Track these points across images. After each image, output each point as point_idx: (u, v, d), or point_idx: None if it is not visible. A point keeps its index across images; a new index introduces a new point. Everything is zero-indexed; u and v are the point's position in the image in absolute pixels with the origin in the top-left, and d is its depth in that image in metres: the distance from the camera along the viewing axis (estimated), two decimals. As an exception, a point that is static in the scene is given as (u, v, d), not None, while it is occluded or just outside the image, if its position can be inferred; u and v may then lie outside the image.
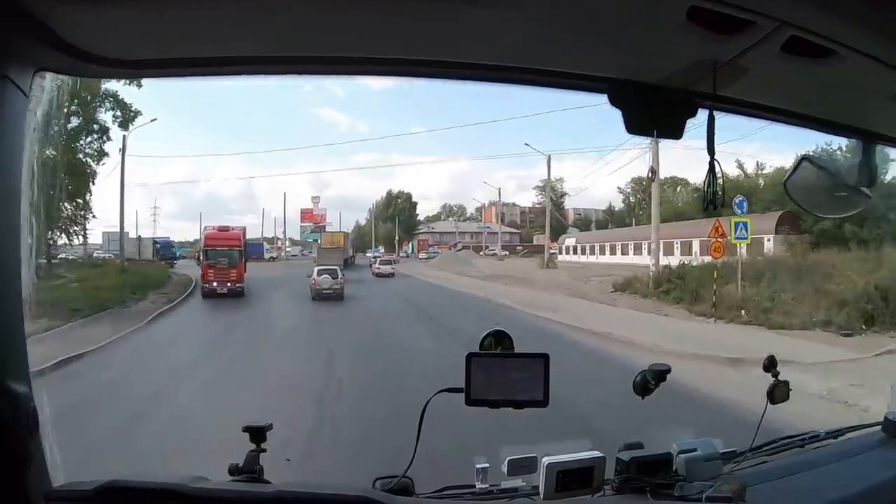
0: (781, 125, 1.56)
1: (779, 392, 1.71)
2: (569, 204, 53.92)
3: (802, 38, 1.10)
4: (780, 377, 1.72)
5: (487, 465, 1.56)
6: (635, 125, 1.36)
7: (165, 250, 34.65)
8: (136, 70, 1.32)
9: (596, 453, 1.52)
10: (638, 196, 49.79)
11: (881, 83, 1.30)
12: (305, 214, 49.37)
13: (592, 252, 41.28)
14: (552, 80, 1.36)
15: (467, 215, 60.24)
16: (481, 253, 46.84)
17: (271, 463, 1.43)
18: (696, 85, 1.30)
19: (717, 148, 1.29)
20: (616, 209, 53.45)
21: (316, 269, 22.39)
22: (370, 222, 55.33)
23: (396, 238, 52.13)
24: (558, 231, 50.71)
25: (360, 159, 77.50)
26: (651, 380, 1.60)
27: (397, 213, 55.79)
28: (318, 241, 38.49)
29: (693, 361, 10.08)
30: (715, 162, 1.30)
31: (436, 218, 60.30)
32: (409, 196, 58.88)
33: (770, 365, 1.71)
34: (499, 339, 1.48)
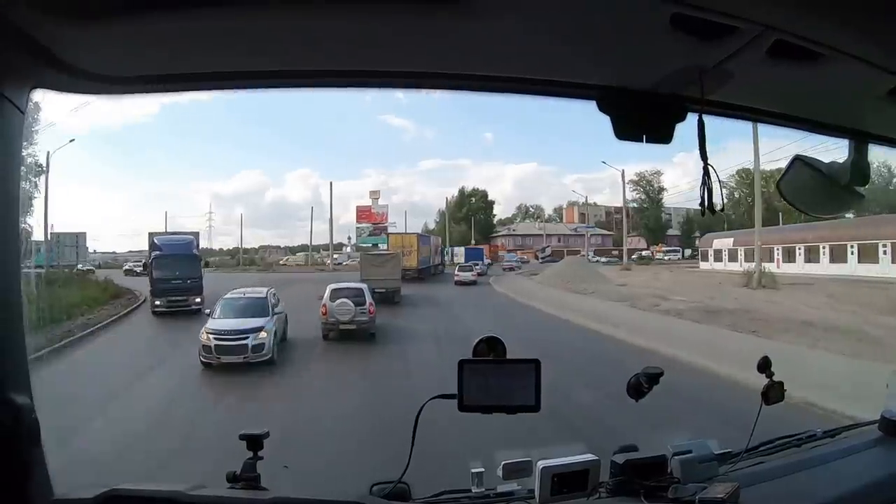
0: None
1: (773, 393, 1.71)
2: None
3: (787, 41, 1.11)
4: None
5: (483, 469, 1.58)
6: (625, 131, 1.36)
7: (171, 263, 17.59)
8: (135, 86, 1.32)
9: (590, 456, 1.53)
10: (744, 191, 41.46)
11: (870, 83, 1.30)
12: (362, 213, 40.87)
13: (769, 258, 26.69)
14: (542, 88, 1.37)
15: (545, 217, 54.89)
16: (580, 257, 38.69)
17: (269, 470, 1.45)
18: (685, 90, 1.31)
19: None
20: (717, 206, 48.01)
21: (329, 289, 13.96)
22: (440, 224, 47.64)
23: (472, 241, 45.58)
24: (657, 232, 44.92)
25: (426, 164, 76.61)
26: (645, 383, 1.60)
27: (471, 214, 49.55)
28: (380, 245, 30.05)
29: None
30: (709, 166, 1.31)
31: (509, 221, 54.14)
32: (484, 194, 52.14)
33: (764, 365, 1.72)
34: (491, 345, 1.49)
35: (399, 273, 20.48)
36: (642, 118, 1.35)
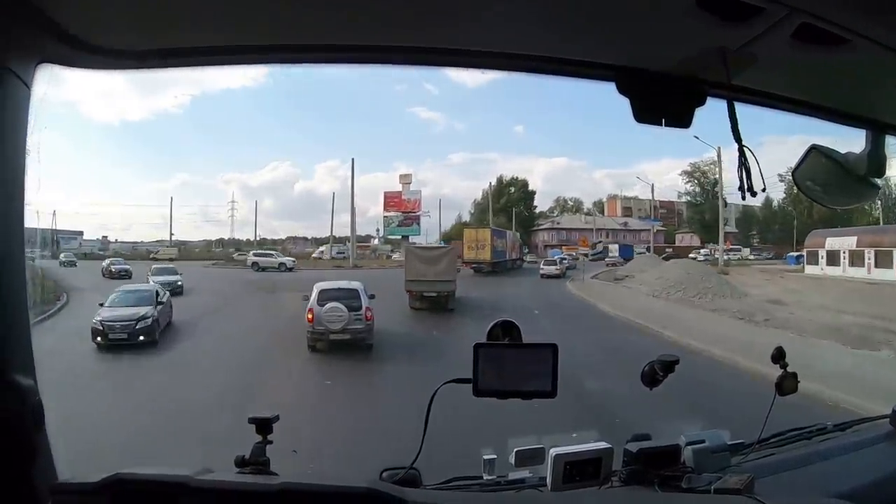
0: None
1: (787, 383, 1.70)
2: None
3: (813, 25, 1.09)
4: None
5: (495, 456, 1.56)
6: (643, 113, 1.34)
7: None
8: (141, 61, 1.30)
9: (603, 444, 1.52)
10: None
11: (892, 72, 1.29)
12: (391, 200, 35.30)
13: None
14: (560, 68, 1.35)
15: (584, 210, 51.31)
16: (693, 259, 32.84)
17: (278, 454, 1.42)
18: (705, 73, 1.29)
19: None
20: (774, 202, 40.62)
21: (317, 290, 11.96)
22: (476, 217, 43.28)
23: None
24: (711, 229, 40.12)
25: (455, 158, 74.41)
26: (659, 371, 1.59)
27: (510, 205, 45.00)
28: (411, 237, 26.45)
29: None
30: (745, 147, 1.28)
31: (545, 215, 50.29)
32: (524, 184, 47.40)
33: (778, 356, 1.70)
34: (507, 329, 1.47)
35: (455, 272, 16.95)
36: (661, 101, 1.33)
